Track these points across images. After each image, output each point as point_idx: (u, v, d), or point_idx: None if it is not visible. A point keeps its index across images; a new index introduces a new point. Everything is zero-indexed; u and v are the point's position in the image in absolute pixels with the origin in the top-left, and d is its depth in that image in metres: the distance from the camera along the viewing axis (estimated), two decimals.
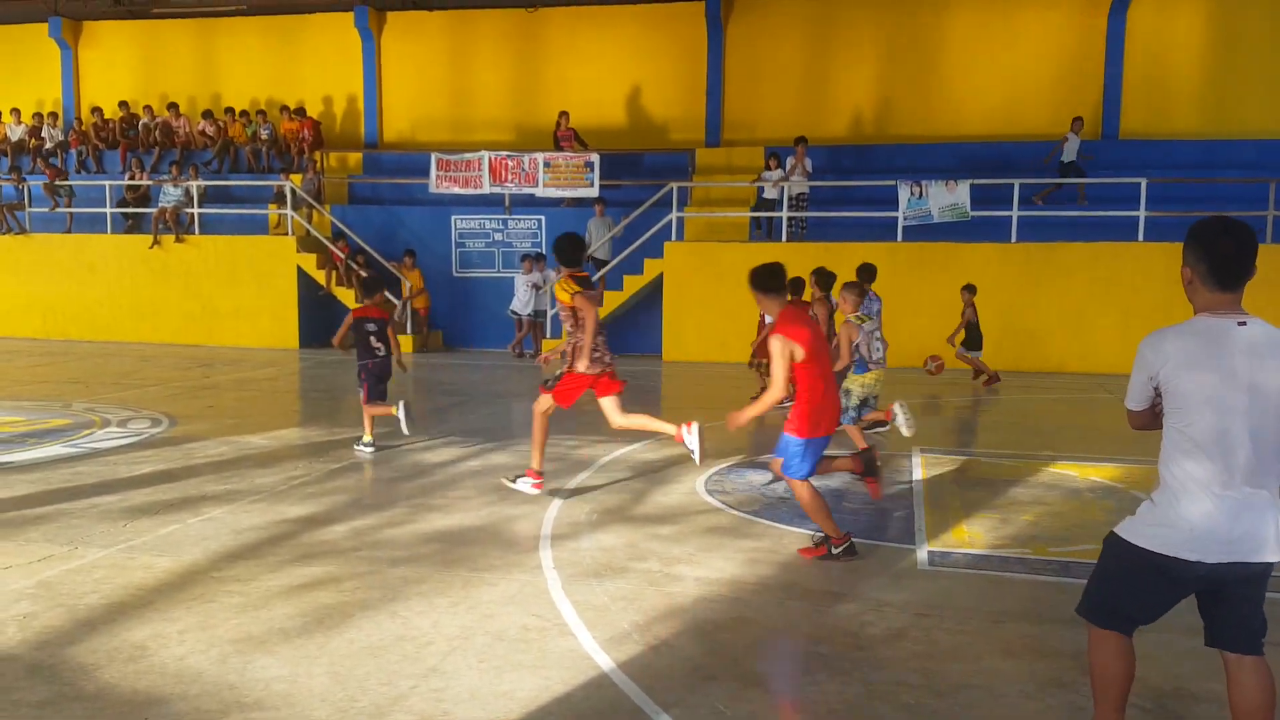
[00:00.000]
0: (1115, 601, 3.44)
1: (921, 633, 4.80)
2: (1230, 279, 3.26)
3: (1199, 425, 3.22)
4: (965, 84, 19.63)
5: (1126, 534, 3.39)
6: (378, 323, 9.23)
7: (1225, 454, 3.19)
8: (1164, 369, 3.28)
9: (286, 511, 6.93)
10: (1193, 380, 3.22)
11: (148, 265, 19.23)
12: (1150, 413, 3.46)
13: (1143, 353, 3.36)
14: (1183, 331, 3.30)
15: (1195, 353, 3.24)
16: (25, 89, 23.83)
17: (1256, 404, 3.18)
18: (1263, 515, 3.20)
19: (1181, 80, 18.82)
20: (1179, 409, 3.27)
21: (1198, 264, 3.28)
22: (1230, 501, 3.19)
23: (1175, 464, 3.28)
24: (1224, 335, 3.22)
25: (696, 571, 5.69)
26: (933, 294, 15.99)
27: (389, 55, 22.24)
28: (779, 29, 20.40)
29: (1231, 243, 3.26)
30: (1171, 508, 3.26)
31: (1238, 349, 3.20)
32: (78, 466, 8.33)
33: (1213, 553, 3.19)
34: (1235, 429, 3.18)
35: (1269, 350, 3.20)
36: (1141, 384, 3.39)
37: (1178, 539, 3.23)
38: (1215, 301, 3.28)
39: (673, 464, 8.67)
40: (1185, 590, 3.35)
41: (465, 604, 5.12)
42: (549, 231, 18.98)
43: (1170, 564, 3.25)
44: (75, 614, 4.92)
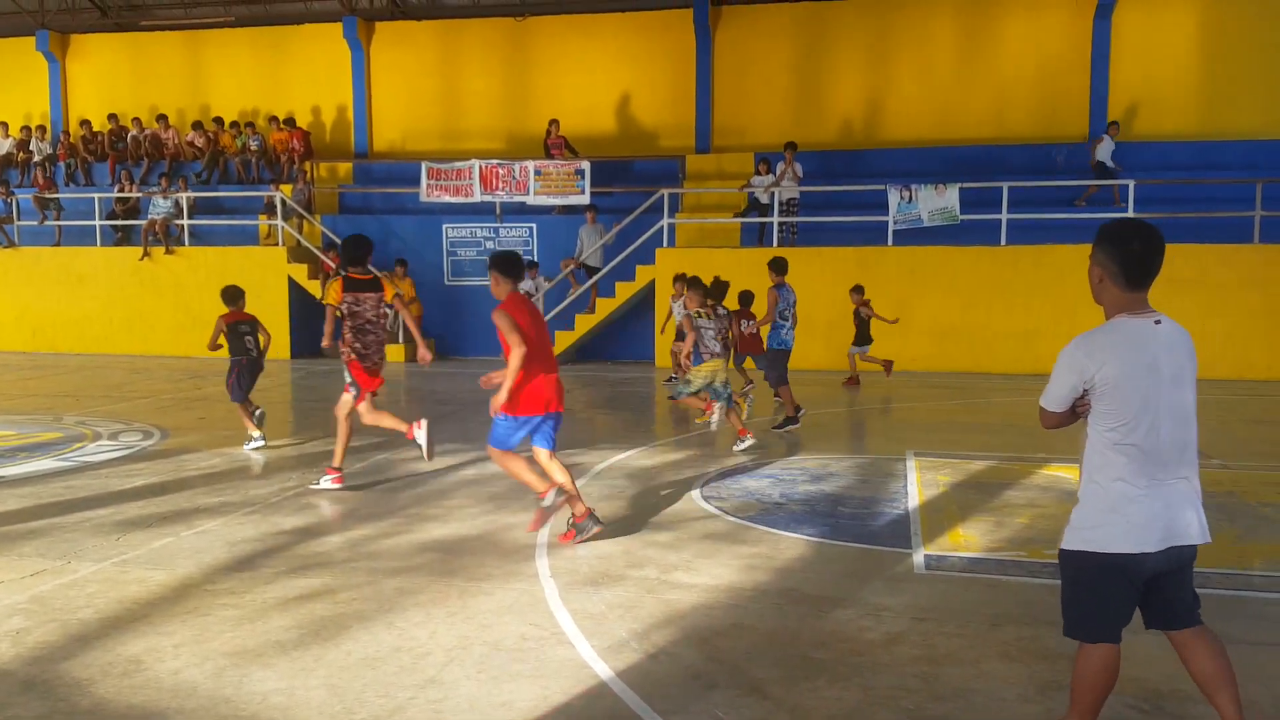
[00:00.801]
0: (1093, 612, 3.49)
1: (919, 637, 4.79)
2: (1141, 278, 3.39)
3: (1131, 422, 3.35)
4: (953, 88, 19.70)
5: (1074, 545, 3.49)
6: (249, 324, 10.14)
7: (1154, 448, 3.35)
8: (1099, 371, 3.38)
9: (281, 523, 6.90)
10: (1125, 380, 3.35)
11: (138, 277, 19.18)
12: (1068, 413, 3.59)
13: (1073, 355, 3.45)
14: (1110, 333, 3.42)
15: (1127, 355, 3.36)
16: (13, 102, 23.78)
17: (1177, 398, 3.37)
18: (1189, 502, 3.39)
19: (1170, 82, 18.90)
20: (1114, 408, 3.38)
21: (1109, 264, 3.41)
22: (1161, 492, 3.35)
23: (1106, 461, 3.42)
24: (1146, 335, 3.38)
25: (694, 578, 5.68)
26: (922, 298, 16.04)
27: (378, 65, 22.24)
28: (767, 35, 20.45)
29: (1142, 243, 3.37)
30: (1107, 505, 3.40)
31: (1159, 347, 3.37)
32: (70, 480, 8.29)
33: (1153, 542, 3.34)
34: (1162, 423, 3.34)
35: (1182, 347, 3.40)
36: (1072, 387, 3.49)
37: (1119, 534, 3.36)
38: (1128, 301, 3.42)
39: (669, 470, 8.66)
40: (1140, 583, 3.44)
41: (462, 614, 5.10)
42: (541, 239, 19.00)
43: (1122, 560, 3.37)
44: (69, 629, 4.89)
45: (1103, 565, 3.40)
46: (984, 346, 15.93)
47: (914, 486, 8.05)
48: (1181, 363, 3.40)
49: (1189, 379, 3.41)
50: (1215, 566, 5.94)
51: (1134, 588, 3.44)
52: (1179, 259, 15.14)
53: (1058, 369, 3.51)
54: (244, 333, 10.09)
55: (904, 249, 16.27)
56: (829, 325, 16.15)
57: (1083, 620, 3.50)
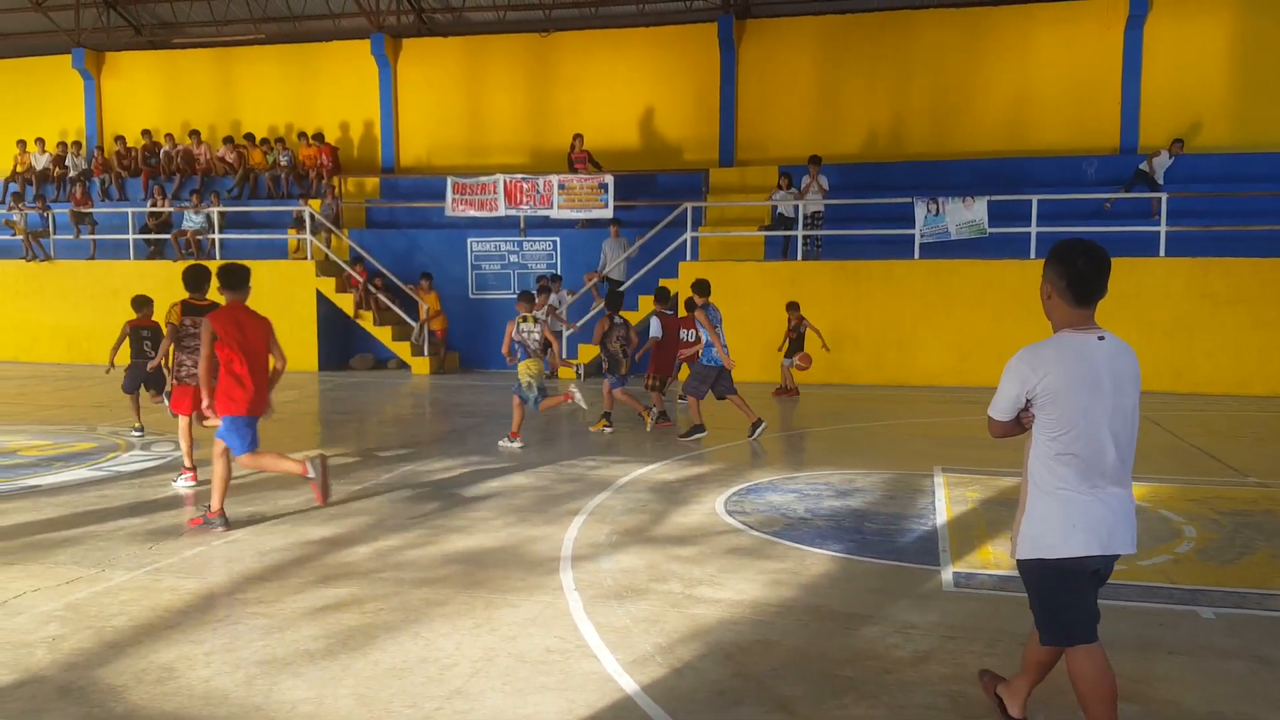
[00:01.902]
0: (1067, 616, 3.63)
1: (949, 655, 4.76)
2: (1087, 295, 3.59)
3: (1074, 433, 3.51)
4: (981, 100, 19.63)
5: (1028, 554, 3.63)
6: (150, 330, 10.96)
7: (1096, 458, 3.51)
8: (1041, 383, 3.54)
9: (309, 533, 6.96)
10: (1069, 392, 3.51)
11: (170, 290, 19.23)
12: (1014, 423, 3.70)
13: (1019, 368, 3.61)
14: (1055, 347, 3.59)
15: (1069, 367, 3.53)
16: (49, 119, 24.14)
17: (1118, 411, 3.54)
18: (1128, 511, 3.58)
19: (1203, 93, 18.73)
20: (1055, 419, 3.54)
21: (1058, 280, 3.60)
22: (1102, 500, 3.53)
23: (1050, 471, 3.56)
24: (1089, 350, 3.56)
25: (718, 593, 5.67)
26: (949, 311, 15.97)
27: (405, 81, 22.43)
28: (791, 48, 20.47)
29: (1090, 262, 3.56)
30: (1054, 513, 3.55)
31: (1101, 362, 3.55)
32: (104, 489, 8.39)
33: (1097, 546, 3.52)
34: (1103, 435, 3.51)
35: (1124, 361, 3.59)
36: (1015, 397, 3.63)
37: (1068, 539, 3.52)
38: (1074, 317, 3.61)
39: (692, 485, 8.66)
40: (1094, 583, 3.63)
41: (488, 625, 5.13)
42: (564, 253, 19.09)
43: (1073, 563, 3.54)
44: (103, 636, 4.95)
45: (1060, 569, 3.56)
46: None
47: (942, 502, 8.01)
48: (1123, 377, 3.56)
49: (1130, 393, 3.57)
50: (1256, 586, 5.88)
51: (1090, 585, 3.61)
52: (1214, 273, 15.11)
53: (1003, 380, 3.66)
54: (144, 338, 10.96)
55: (930, 262, 16.21)
56: (855, 340, 16.12)
57: (1058, 625, 3.65)
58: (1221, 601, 5.59)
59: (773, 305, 16.39)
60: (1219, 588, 5.84)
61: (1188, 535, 7.00)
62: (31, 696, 4.26)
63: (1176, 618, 5.33)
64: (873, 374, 16.13)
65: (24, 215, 20.63)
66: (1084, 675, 3.61)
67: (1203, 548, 6.70)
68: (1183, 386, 15.20)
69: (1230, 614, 5.40)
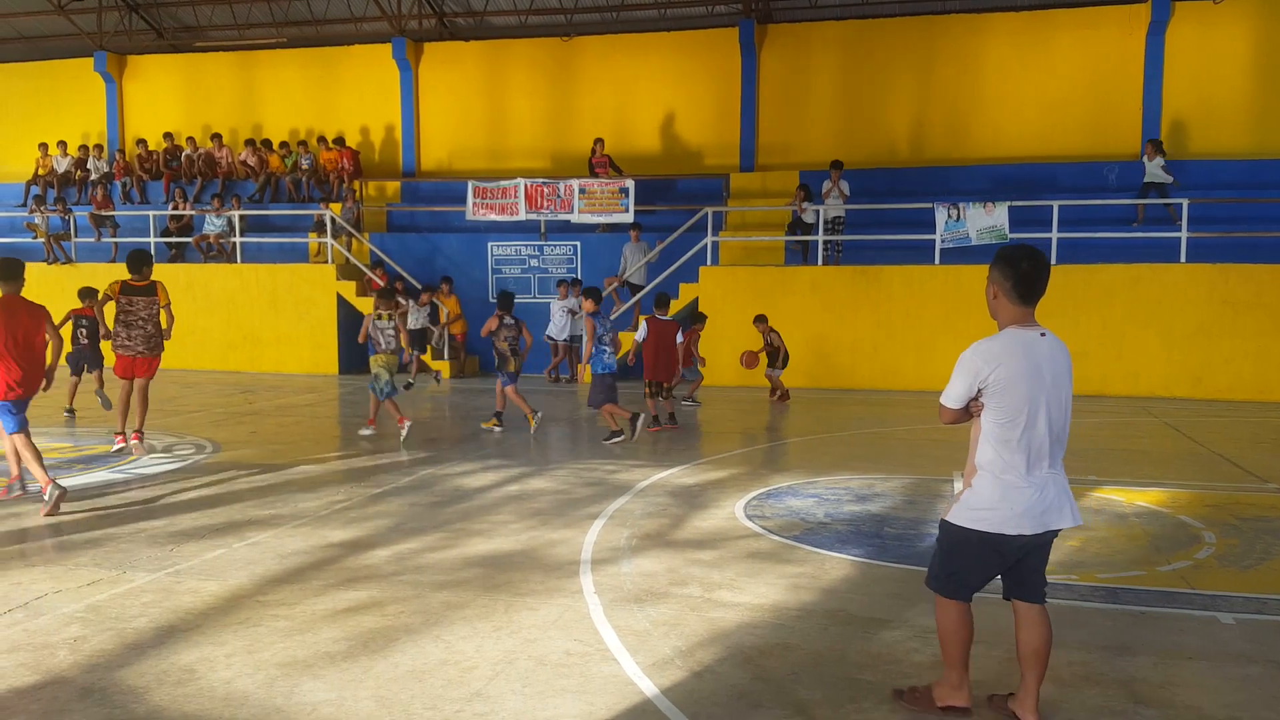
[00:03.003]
0: (958, 575, 4.06)
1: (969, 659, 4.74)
2: (1030, 295, 3.93)
3: (1017, 420, 3.86)
4: (1002, 105, 19.57)
5: (959, 520, 3.98)
6: (88, 320, 12.65)
7: (1035, 443, 3.87)
8: (991, 375, 3.87)
9: (330, 536, 6.98)
10: (1014, 383, 3.85)
11: (190, 293, 19.50)
12: (964, 411, 4.03)
13: (972, 360, 3.93)
14: (1003, 343, 3.92)
15: (1015, 361, 3.87)
16: (71, 122, 24.36)
17: (1055, 402, 3.90)
18: (1061, 490, 3.93)
19: (1225, 99, 18.63)
20: (1001, 407, 3.88)
21: (1004, 281, 3.94)
22: (1039, 481, 3.88)
23: (994, 453, 3.91)
24: (1033, 345, 3.90)
25: (738, 597, 5.67)
26: (969, 317, 15.89)
27: (426, 85, 22.53)
28: (813, 53, 20.46)
29: (1032, 265, 3.90)
30: (997, 493, 3.89)
31: (1043, 356, 3.90)
32: (124, 492, 8.45)
33: (1028, 525, 3.87)
34: (1042, 422, 3.87)
35: (1061, 357, 3.95)
36: (967, 387, 3.96)
37: (1002, 518, 3.87)
38: (1019, 315, 3.95)
39: (711, 489, 8.66)
40: (1010, 560, 3.99)
41: (507, 628, 5.13)
42: (585, 257, 19.10)
43: (999, 540, 3.90)
44: (124, 637, 4.98)
45: (984, 541, 3.92)
46: None
47: None
48: (1060, 370, 3.92)
49: (1065, 384, 3.94)
50: (1276, 593, 5.85)
51: (1001, 561, 4.00)
52: (1234, 279, 15.01)
53: (957, 371, 3.98)
54: (81, 326, 12.69)
55: (951, 268, 16.15)
56: (874, 346, 16.08)
57: (947, 578, 4.08)
58: (1242, 607, 5.56)
59: (793, 310, 16.39)
60: (1239, 593, 5.81)
61: (1208, 541, 6.96)
62: (54, 697, 4.29)
63: (1196, 623, 5.30)
64: (893, 379, 16.08)
65: (45, 218, 20.81)
66: (947, 622, 4.10)
67: (1223, 554, 6.66)
68: (1203, 393, 15.10)
69: (1250, 620, 5.36)
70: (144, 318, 10.13)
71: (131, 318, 10.09)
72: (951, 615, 4.10)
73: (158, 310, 10.19)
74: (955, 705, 4.13)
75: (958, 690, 4.13)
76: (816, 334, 16.39)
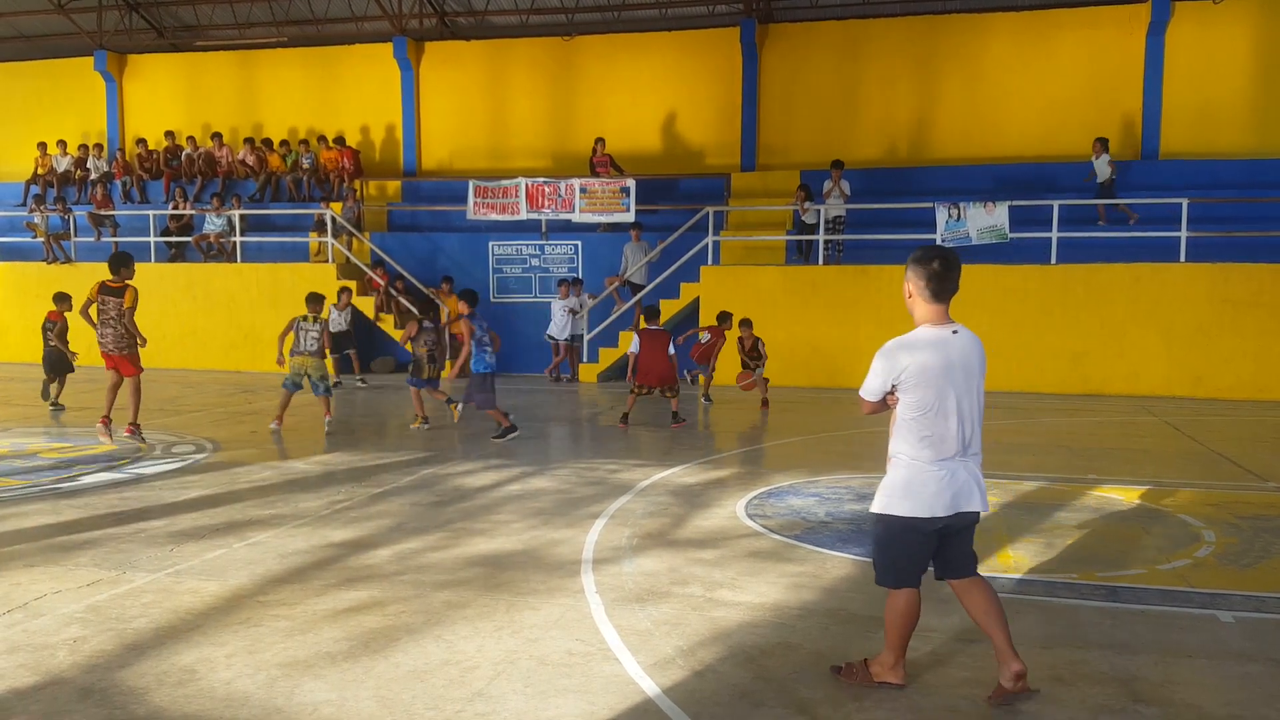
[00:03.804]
0: (897, 563, 4.28)
1: (969, 659, 4.74)
2: (943, 294, 4.18)
3: (930, 411, 4.10)
4: (1003, 105, 19.57)
5: (886, 510, 4.22)
6: (53, 324, 13.47)
7: (949, 432, 4.11)
8: (906, 370, 4.11)
9: (330, 536, 6.98)
10: (926, 377, 4.09)
11: (190, 293, 19.53)
12: (881, 403, 4.29)
13: (888, 356, 4.17)
14: (918, 339, 4.17)
15: (929, 356, 4.10)
16: (71, 121, 24.35)
17: (968, 393, 4.14)
18: (975, 476, 4.19)
19: (1225, 99, 18.62)
20: (915, 399, 4.12)
21: (918, 281, 4.19)
22: (950, 468, 4.13)
23: (911, 443, 4.15)
24: (945, 341, 4.15)
25: (739, 596, 5.66)
26: (970, 316, 15.87)
27: (427, 85, 22.52)
28: (814, 53, 20.45)
29: (944, 265, 4.16)
30: (911, 479, 4.14)
31: (955, 352, 4.14)
32: (124, 492, 8.44)
33: (940, 508, 4.12)
34: (952, 414, 4.11)
35: (973, 352, 4.20)
36: (883, 381, 4.19)
37: (916, 503, 4.13)
38: (933, 313, 4.20)
39: (713, 488, 8.65)
40: (932, 542, 4.23)
41: (509, 628, 5.13)
42: (586, 257, 19.10)
43: (923, 523, 4.14)
44: (124, 638, 4.97)
45: (905, 526, 4.17)
46: (1033, 366, 15.76)
47: None
48: (972, 365, 4.17)
49: (978, 378, 4.18)
50: (1276, 591, 5.85)
51: (929, 543, 4.22)
52: (1234, 278, 15.01)
53: (874, 366, 4.21)
54: (47, 329, 13.62)
55: None
56: (875, 345, 16.05)
57: (893, 571, 4.29)
58: (1241, 606, 5.56)
59: (794, 310, 16.39)
60: (1239, 592, 5.81)
61: (1207, 540, 6.96)
62: (53, 698, 4.28)
63: (1196, 622, 5.30)
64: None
65: (45, 217, 20.80)
66: (897, 609, 4.29)
67: (1222, 552, 6.66)
68: (1203, 392, 15.10)
69: (1250, 618, 5.36)
70: (114, 317, 10.57)
71: (104, 316, 10.63)
72: (900, 602, 4.30)
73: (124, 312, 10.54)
74: (890, 682, 4.36)
75: (893, 669, 4.37)
76: (817, 333, 16.39)
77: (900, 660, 4.37)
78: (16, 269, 20.79)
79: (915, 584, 4.30)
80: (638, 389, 12.46)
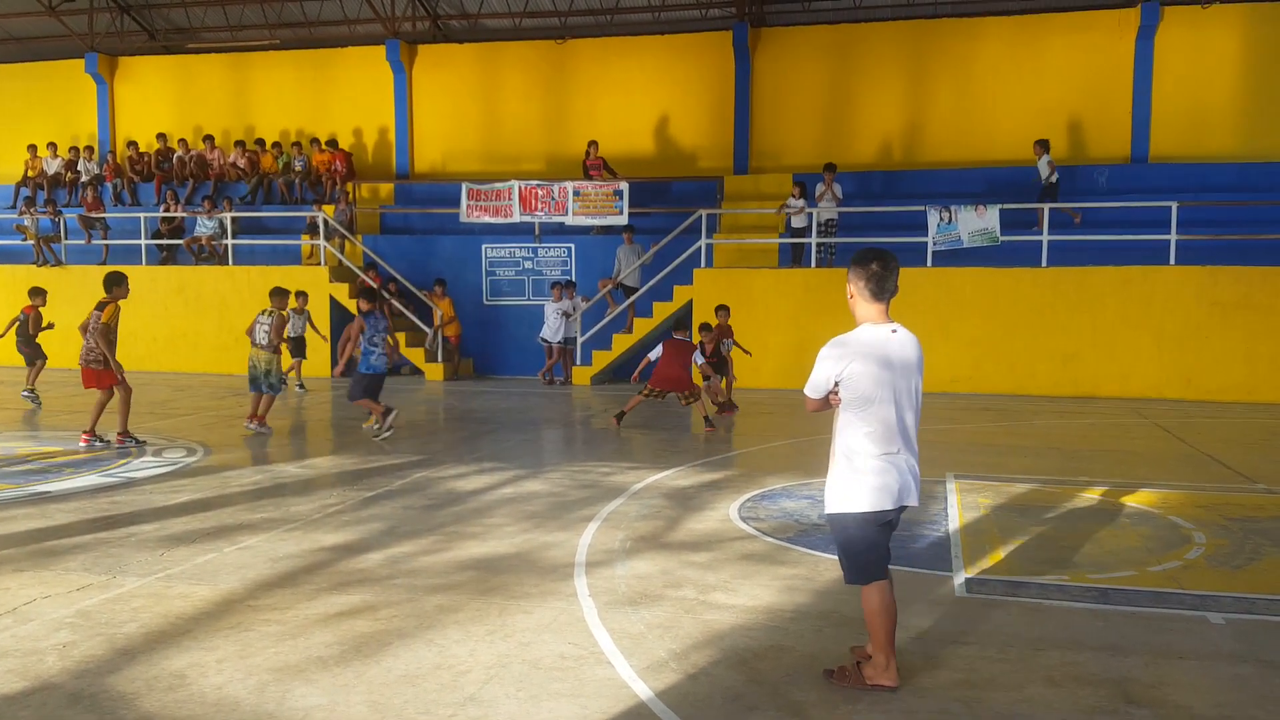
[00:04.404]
0: (865, 559, 4.35)
1: (962, 661, 4.75)
2: (882, 294, 4.30)
3: (874, 408, 4.23)
4: (994, 109, 19.62)
5: (839, 508, 4.33)
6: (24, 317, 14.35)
7: (891, 428, 4.25)
8: (848, 368, 4.23)
9: (322, 540, 6.96)
10: (870, 375, 4.22)
11: (182, 296, 19.48)
12: (824, 400, 4.38)
13: (830, 355, 4.28)
14: (858, 337, 4.31)
15: (869, 354, 4.24)
16: (62, 123, 24.28)
17: (906, 391, 4.28)
18: (914, 471, 4.35)
19: (1214, 102, 18.71)
20: (859, 396, 4.24)
21: (859, 281, 4.32)
22: (895, 462, 4.27)
23: (855, 439, 4.28)
24: (885, 340, 4.29)
25: (732, 599, 5.66)
26: (961, 319, 15.94)
27: (420, 88, 22.50)
28: (806, 57, 20.48)
29: (882, 266, 4.29)
30: (859, 475, 4.26)
31: (894, 350, 4.27)
32: (114, 496, 8.41)
33: (889, 501, 4.26)
34: (893, 410, 4.24)
35: (911, 350, 4.32)
36: (827, 379, 4.30)
37: (875, 497, 4.24)
38: (873, 312, 4.33)
39: (706, 491, 8.65)
40: (886, 532, 4.37)
41: (501, 632, 5.12)
42: (579, 260, 19.09)
43: (876, 515, 4.27)
44: (114, 643, 4.95)
45: (860, 520, 4.29)
46: (1024, 368, 15.80)
47: (954, 509, 7.98)
48: (910, 362, 4.30)
49: (915, 375, 4.31)
50: (1265, 592, 5.86)
51: (884, 534, 4.36)
52: (1224, 280, 15.07)
53: (818, 364, 4.32)
54: (17, 321, 14.49)
55: (943, 270, 16.18)
56: None
57: (860, 567, 4.37)
58: (1231, 607, 5.57)
59: (786, 312, 16.41)
60: (1229, 593, 5.83)
61: (1198, 541, 6.98)
62: (42, 704, 4.26)
63: (1186, 623, 5.32)
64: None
65: (35, 220, 20.73)
66: (874, 605, 4.35)
67: (1212, 554, 6.68)
68: (1193, 394, 15.15)
69: (1240, 619, 5.38)
70: (91, 330, 10.83)
71: (87, 329, 10.95)
72: (875, 597, 4.37)
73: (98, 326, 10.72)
74: (883, 685, 4.37)
75: (885, 671, 4.38)
76: (809, 336, 16.33)
77: (891, 660, 4.38)
78: (6, 272, 20.70)
79: (884, 576, 4.39)
80: (649, 391, 12.31)
